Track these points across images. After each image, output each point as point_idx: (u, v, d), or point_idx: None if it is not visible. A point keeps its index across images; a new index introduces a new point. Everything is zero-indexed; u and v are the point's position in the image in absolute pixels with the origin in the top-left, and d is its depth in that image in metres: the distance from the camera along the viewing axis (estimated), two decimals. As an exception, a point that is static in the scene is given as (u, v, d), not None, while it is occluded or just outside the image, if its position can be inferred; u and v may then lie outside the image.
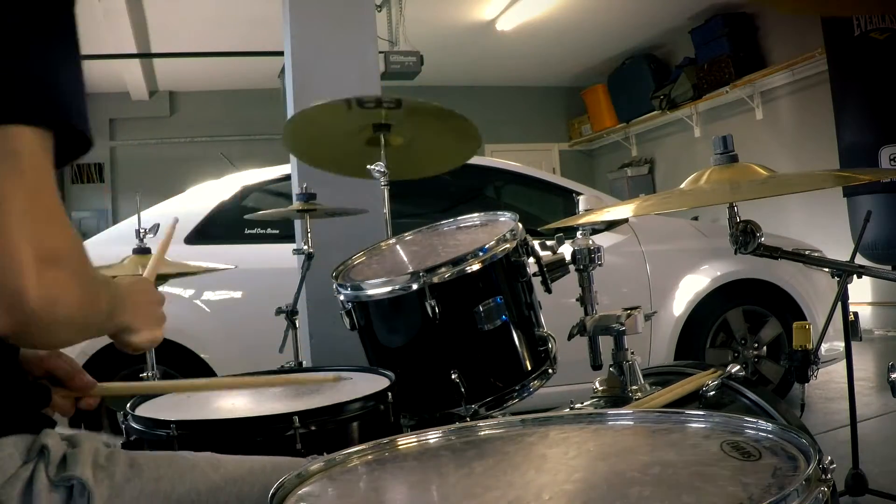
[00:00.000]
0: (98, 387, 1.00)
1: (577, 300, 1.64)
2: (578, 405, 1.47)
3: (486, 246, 1.43)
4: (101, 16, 5.87)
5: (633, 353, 1.53)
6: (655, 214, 3.60)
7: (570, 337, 1.60)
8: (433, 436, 0.89)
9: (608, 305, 1.62)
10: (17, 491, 0.74)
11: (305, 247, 2.41)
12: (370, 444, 0.86)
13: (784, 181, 1.33)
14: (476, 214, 1.70)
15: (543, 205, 4.14)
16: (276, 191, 3.70)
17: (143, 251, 2.20)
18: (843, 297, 2.11)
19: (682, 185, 1.38)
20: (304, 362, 2.50)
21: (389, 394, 1.25)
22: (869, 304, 6.00)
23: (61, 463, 0.78)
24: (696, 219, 4.23)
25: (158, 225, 2.65)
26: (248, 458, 0.93)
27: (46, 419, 0.84)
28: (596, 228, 2.42)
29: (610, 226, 3.55)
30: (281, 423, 1.12)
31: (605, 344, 1.55)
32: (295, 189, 2.76)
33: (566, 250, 1.65)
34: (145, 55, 7.11)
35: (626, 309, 1.53)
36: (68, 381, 0.97)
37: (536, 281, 1.56)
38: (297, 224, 2.91)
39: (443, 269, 1.39)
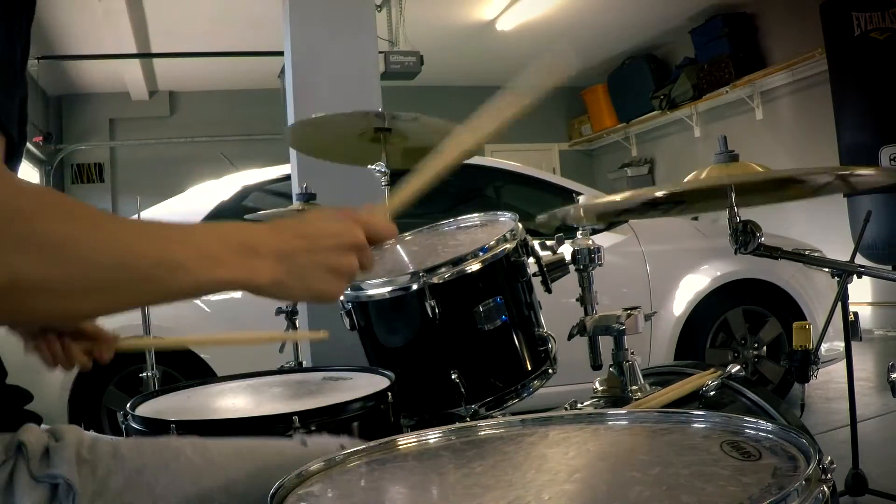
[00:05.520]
0: (118, 340, 1.03)
1: (577, 300, 1.64)
2: (580, 404, 1.47)
3: (486, 246, 1.43)
4: (101, 16, 5.87)
5: (633, 353, 1.52)
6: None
7: (570, 337, 1.60)
8: (433, 436, 0.89)
9: (608, 305, 1.62)
10: None
11: (305, 247, 2.41)
12: (370, 444, 0.86)
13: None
14: (476, 214, 1.71)
15: (543, 205, 4.13)
16: (276, 191, 3.69)
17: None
18: (843, 297, 2.11)
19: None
20: (304, 362, 2.50)
21: (389, 394, 1.25)
22: (869, 304, 6.00)
23: (44, 457, 0.76)
24: (695, 219, 4.24)
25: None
26: (233, 441, 0.92)
27: (29, 415, 0.82)
28: (596, 228, 2.42)
29: (610, 226, 3.55)
30: (281, 423, 1.12)
31: (605, 344, 1.55)
32: (295, 189, 2.76)
33: (566, 250, 1.66)
34: (145, 55, 7.11)
35: (626, 309, 1.53)
36: (92, 332, 0.99)
37: (536, 281, 1.56)
38: (297, 224, 2.91)
39: (443, 269, 1.39)
